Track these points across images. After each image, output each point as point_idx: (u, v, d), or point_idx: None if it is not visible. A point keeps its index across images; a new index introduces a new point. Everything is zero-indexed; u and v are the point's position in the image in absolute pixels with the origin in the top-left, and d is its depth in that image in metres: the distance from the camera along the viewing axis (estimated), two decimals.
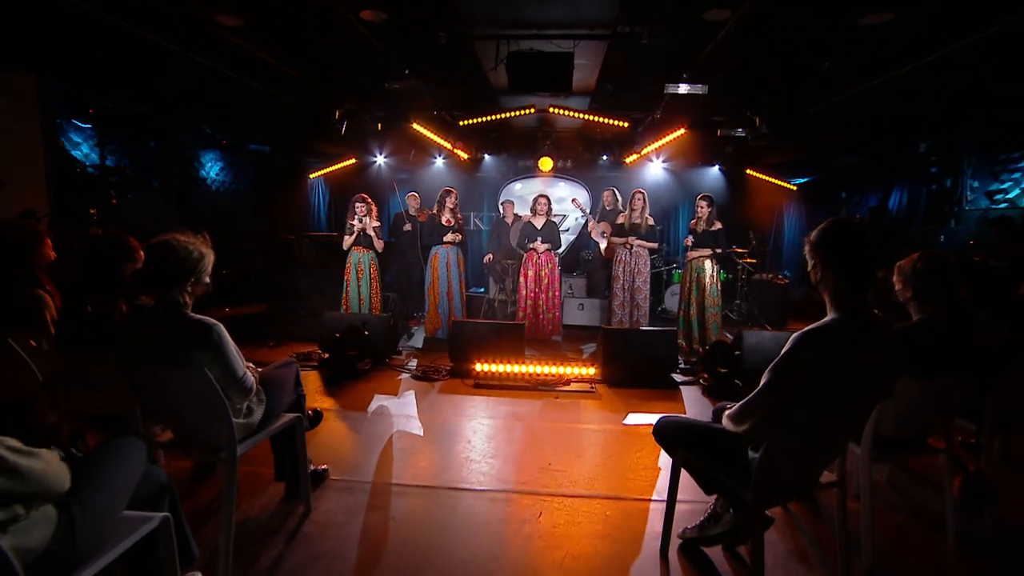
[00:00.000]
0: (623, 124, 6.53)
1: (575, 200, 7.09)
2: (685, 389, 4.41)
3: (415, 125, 6.80)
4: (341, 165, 8.68)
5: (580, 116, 6.53)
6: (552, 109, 6.33)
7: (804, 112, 6.44)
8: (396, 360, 5.02)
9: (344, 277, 5.69)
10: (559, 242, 6.03)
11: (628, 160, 8.08)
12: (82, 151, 5.17)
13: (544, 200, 5.95)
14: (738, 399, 1.83)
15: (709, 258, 5.43)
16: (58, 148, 4.75)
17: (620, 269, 5.77)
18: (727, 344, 4.49)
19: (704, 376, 4.42)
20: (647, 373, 4.45)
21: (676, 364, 4.77)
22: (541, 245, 5.87)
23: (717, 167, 8.69)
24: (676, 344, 4.98)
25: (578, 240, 8.76)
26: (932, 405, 2.12)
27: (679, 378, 4.63)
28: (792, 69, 5.12)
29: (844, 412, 1.70)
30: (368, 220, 5.57)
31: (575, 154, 8.51)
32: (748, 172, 8.49)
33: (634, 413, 3.82)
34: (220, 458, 2.01)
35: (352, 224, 5.57)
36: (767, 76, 5.39)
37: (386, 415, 3.73)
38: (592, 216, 6.87)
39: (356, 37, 4.50)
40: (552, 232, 5.94)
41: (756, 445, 1.76)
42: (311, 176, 8.81)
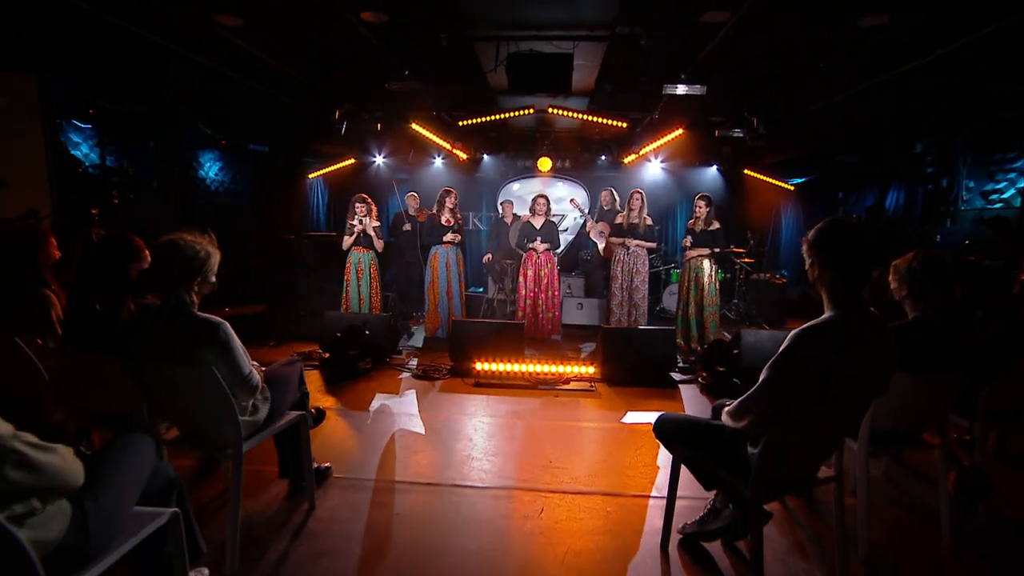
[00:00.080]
0: (621, 124, 6.55)
1: (573, 200, 7.12)
2: (684, 388, 4.45)
3: (414, 125, 6.82)
4: (340, 165, 8.67)
5: (579, 116, 6.55)
6: (551, 109, 6.35)
7: (801, 112, 6.48)
8: (397, 359, 5.05)
9: (344, 277, 5.71)
10: (558, 242, 6.06)
11: (626, 160, 8.10)
12: (81, 151, 5.17)
13: (543, 200, 5.98)
14: (736, 397, 1.86)
15: (707, 257, 5.47)
16: (60, 148, 4.75)
17: (618, 269, 5.80)
18: (725, 343, 4.52)
19: (703, 375, 4.45)
20: (646, 372, 4.48)
21: (675, 363, 4.81)
22: (540, 245, 5.89)
23: (715, 167, 8.72)
24: (675, 343, 5.03)
25: (577, 240, 8.78)
26: (927, 401, 2.16)
27: (678, 377, 4.66)
28: (789, 70, 5.16)
29: (841, 408, 1.73)
30: (368, 220, 5.58)
31: (574, 154, 8.53)
32: (746, 172, 8.51)
33: (633, 411, 3.85)
34: (226, 455, 2.03)
35: (352, 224, 5.59)
36: (765, 77, 5.43)
37: (388, 413, 3.76)
38: (590, 216, 6.91)
39: (356, 38, 4.52)
40: (551, 232, 5.97)
41: (755, 441, 1.79)
42: (310, 176, 8.81)
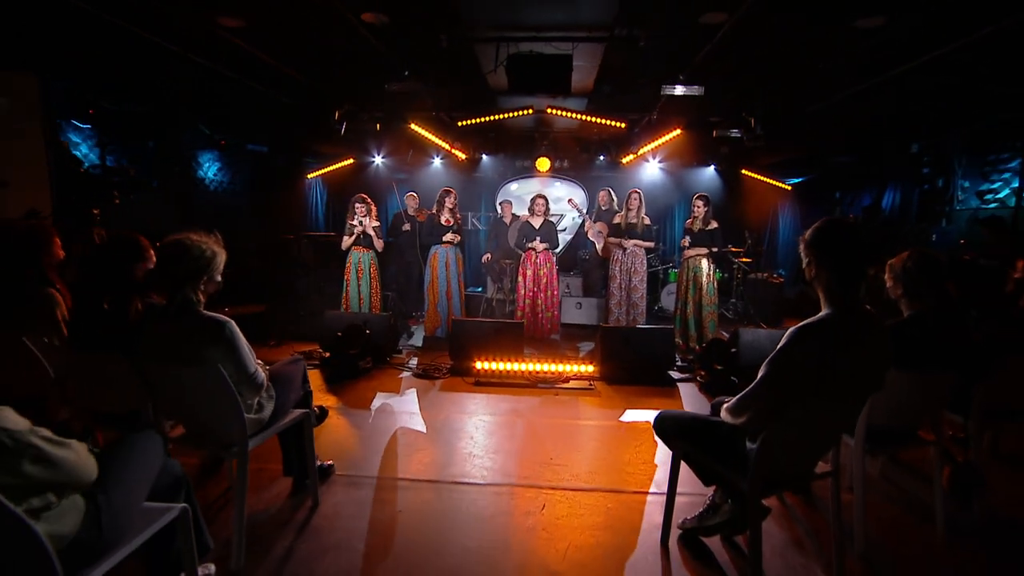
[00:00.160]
0: (620, 125, 6.58)
1: (571, 200, 7.15)
2: (682, 386, 4.48)
3: (413, 126, 6.84)
4: (339, 165, 8.69)
5: (577, 117, 6.57)
6: (550, 110, 6.37)
7: (799, 113, 6.52)
8: (397, 359, 5.07)
9: (344, 277, 5.72)
10: (557, 242, 6.09)
11: (625, 160, 8.14)
12: (81, 151, 5.18)
13: (542, 200, 6.01)
14: (735, 395, 1.89)
15: (705, 257, 5.51)
16: (61, 148, 4.76)
17: (616, 268, 5.83)
18: (723, 342, 4.56)
19: (701, 373, 4.49)
20: (645, 370, 4.52)
21: (673, 362, 4.84)
22: (539, 245, 5.92)
23: (713, 167, 8.75)
24: (673, 342, 5.06)
25: (575, 240, 8.82)
26: (922, 398, 2.20)
27: (676, 375, 4.70)
28: (787, 71, 5.19)
29: (838, 404, 1.77)
30: (368, 220, 5.60)
31: (572, 154, 8.56)
32: (743, 172, 8.55)
33: (632, 409, 3.88)
34: (232, 452, 2.06)
35: (352, 225, 5.61)
36: (762, 78, 5.46)
37: (389, 412, 3.78)
38: (588, 216, 6.94)
39: (356, 38, 4.53)
40: (550, 232, 6.00)
41: (753, 436, 1.83)
42: (309, 176, 8.82)
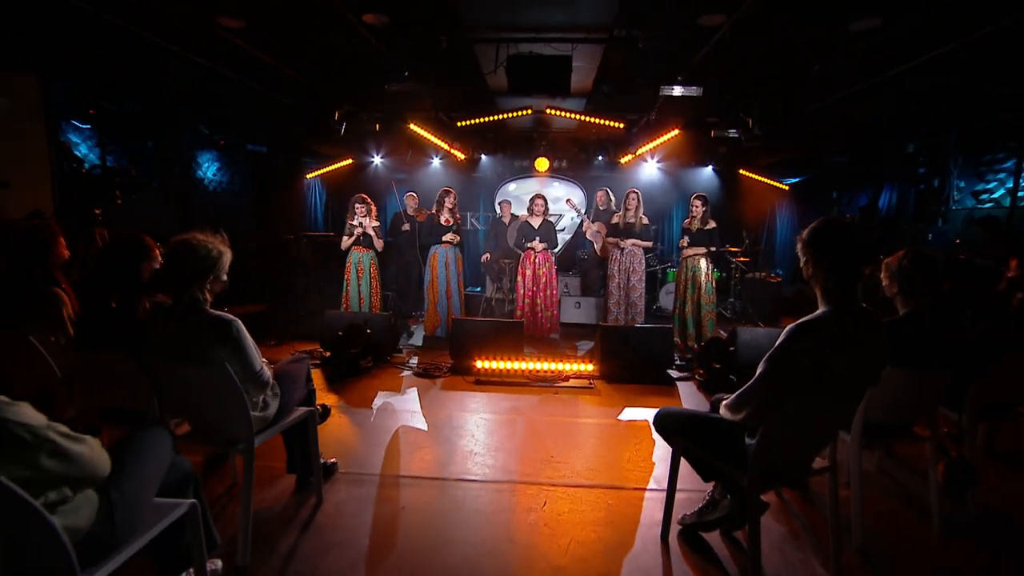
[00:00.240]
0: (618, 125, 6.61)
1: (570, 200, 7.18)
2: (681, 385, 4.52)
3: (413, 126, 6.86)
4: (338, 165, 8.70)
5: (576, 117, 6.61)
6: (549, 110, 6.40)
7: (796, 113, 6.56)
8: (397, 358, 5.10)
9: (344, 276, 5.75)
10: (556, 241, 6.12)
11: (623, 160, 8.18)
12: (81, 151, 5.19)
13: (541, 200, 6.04)
14: (733, 393, 1.92)
15: (704, 256, 5.55)
16: (62, 148, 4.77)
17: (615, 268, 5.86)
18: (722, 340, 4.59)
19: (699, 372, 4.52)
20: (644, 369, 4.55)
21: (672, 360, 4.87)
22: (538, 244, 5.95)
23: (711, 167, 8.80)
24: (672, 341, 5.09)
25: (574, 239, 8.85)
26: (918, 394, 2.23)
27: (675, 374, 4.74)
28: (785, 72, 5.23)
29: (835, 400, 1.80)
30: (368, 220, 5.62)
31: (571, 154, 8.59)
32: (741, 172, 8.60)
33: (631, 408, 3.91)
34: (238, 450, 2.08)
35: (352, 225, 5.63)
36: (760, 79, 5.50)
37: (390, 411, 3.81)
38: (587, 216, 6.97)
39: (357, 39, 4.55)
40: (549, 232, 6.03)
41: (752, 432, 1.86)
42: (308, 176, 8.84)
